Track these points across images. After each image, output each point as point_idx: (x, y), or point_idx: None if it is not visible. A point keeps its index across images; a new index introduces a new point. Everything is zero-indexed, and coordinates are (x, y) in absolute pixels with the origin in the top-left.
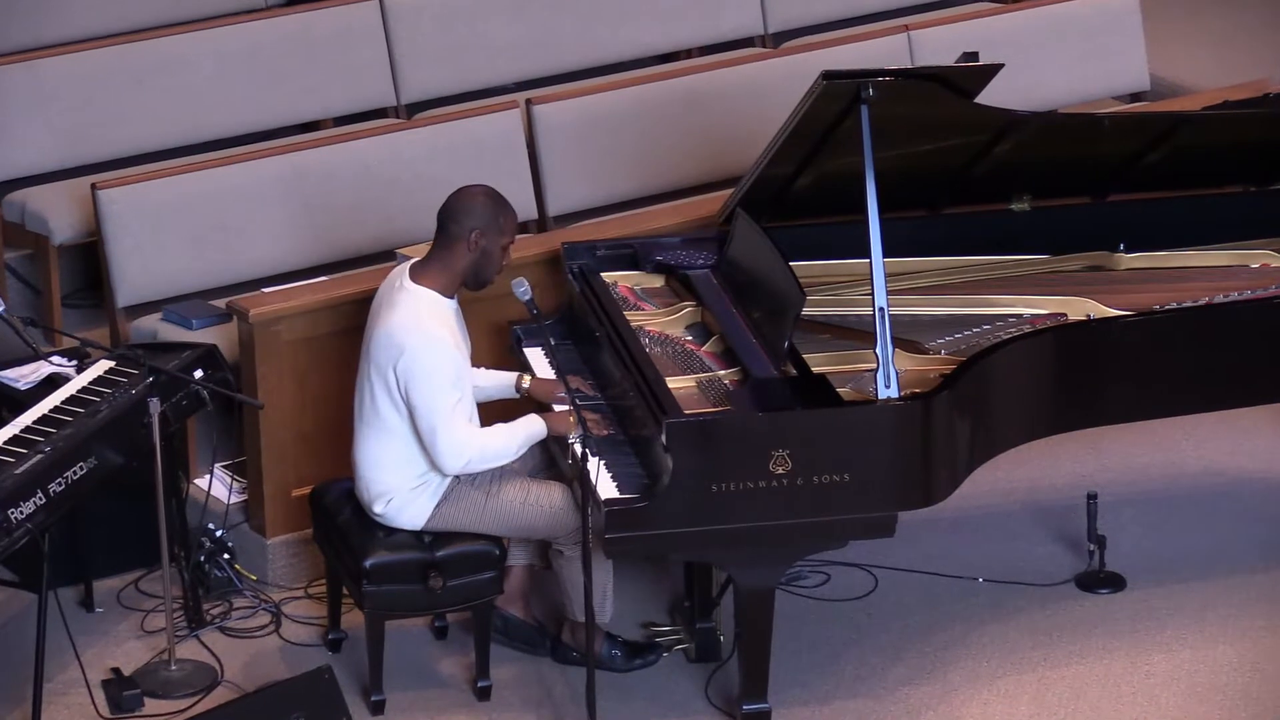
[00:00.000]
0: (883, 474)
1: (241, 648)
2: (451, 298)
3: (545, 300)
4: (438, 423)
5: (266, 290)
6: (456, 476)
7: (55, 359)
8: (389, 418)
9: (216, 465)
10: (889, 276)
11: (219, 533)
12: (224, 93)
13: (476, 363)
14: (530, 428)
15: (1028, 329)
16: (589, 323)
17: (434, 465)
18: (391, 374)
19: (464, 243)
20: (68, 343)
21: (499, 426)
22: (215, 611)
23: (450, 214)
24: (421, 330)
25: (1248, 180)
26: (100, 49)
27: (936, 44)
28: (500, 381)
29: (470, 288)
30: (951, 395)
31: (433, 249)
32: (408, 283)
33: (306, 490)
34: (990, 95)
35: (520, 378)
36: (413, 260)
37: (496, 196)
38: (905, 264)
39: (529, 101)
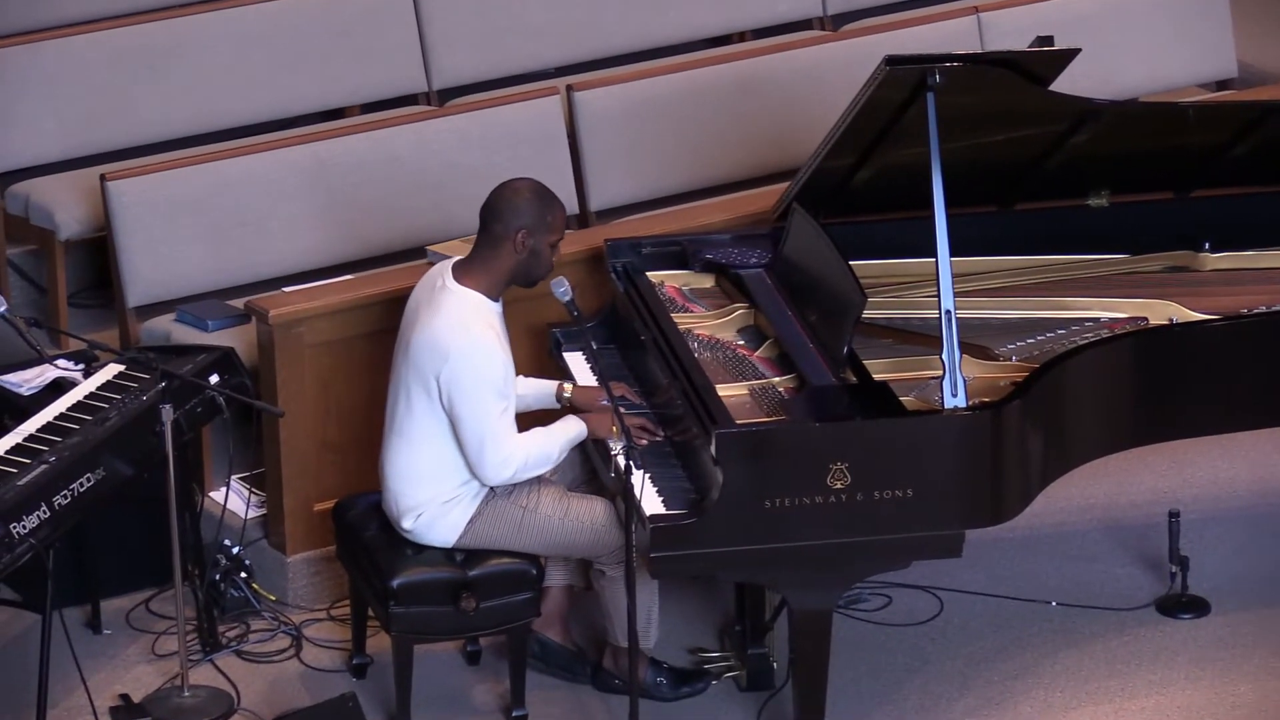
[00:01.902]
0: (949, 489)
1: (259, 673)
2: (497, 300)
3: (587, 301)
4: (486, 434)
5: (288, 290)
6: (491, 490)
7: (61, 362)
8: (427, 426)
9: (233, 477)
10: (956, 277)
11: (235, 549)
12: (243, 78)
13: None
14: (569, 430)
15: (1105, 334)
16: (633, 325)
17: (474, 476)
18: (434, 382)
19: (509, 243)
20: (74, 345)
21: (537, 431)
22: (231, 634)
23: (494, 212)
24: (469, 335)
25: None
26: (111, 30)
27: (1008, 27)
28: (540, 390)
29: (521, 286)
30: (1023, 405)
31: (476, 248)
32: (451, 283)
33: (329, 504)
34: (1066, 82)
35: (561, 386)
36: (454, 259)
37: (543, 192)
38: (973, 263)
39: (570, 88)
